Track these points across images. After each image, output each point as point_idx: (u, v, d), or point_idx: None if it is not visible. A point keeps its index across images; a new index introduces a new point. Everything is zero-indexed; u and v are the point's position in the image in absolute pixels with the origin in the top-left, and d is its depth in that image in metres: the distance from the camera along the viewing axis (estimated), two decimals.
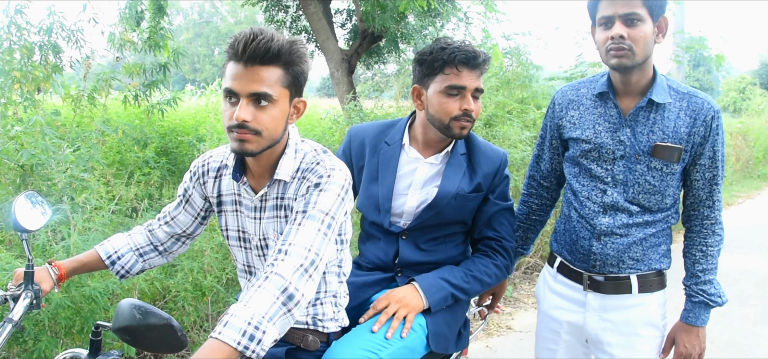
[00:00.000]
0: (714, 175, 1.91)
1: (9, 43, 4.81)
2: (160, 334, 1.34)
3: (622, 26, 1.83)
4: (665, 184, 1.91)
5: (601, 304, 2.02)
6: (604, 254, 1.98)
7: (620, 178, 1.95)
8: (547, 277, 2.21)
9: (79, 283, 3.00)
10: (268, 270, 1.42)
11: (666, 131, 1.88)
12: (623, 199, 1.95)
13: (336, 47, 8.69)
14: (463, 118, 2.03)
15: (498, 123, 5.87)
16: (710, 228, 1.95)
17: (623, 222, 1.95)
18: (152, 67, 5.80)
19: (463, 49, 1.99)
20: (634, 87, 1.92)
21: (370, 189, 2.14)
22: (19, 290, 1.64)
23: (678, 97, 1.90)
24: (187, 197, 1.88)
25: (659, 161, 1.89)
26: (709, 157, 1.90)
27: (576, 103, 2.07)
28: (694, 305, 1.97)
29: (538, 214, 2.32)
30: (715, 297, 1.95)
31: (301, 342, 1.76)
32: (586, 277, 2.04)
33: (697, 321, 1.96)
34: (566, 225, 2.11)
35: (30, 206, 1.75)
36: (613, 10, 1.84)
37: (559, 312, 2.13)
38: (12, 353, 3.05)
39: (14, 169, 3.67)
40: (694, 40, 9.21)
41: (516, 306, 5.10)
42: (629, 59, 1.84)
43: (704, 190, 1.93)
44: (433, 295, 1.98)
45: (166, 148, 5.99)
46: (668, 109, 1.89)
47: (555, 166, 2.22)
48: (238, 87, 1.53)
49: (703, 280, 1.95)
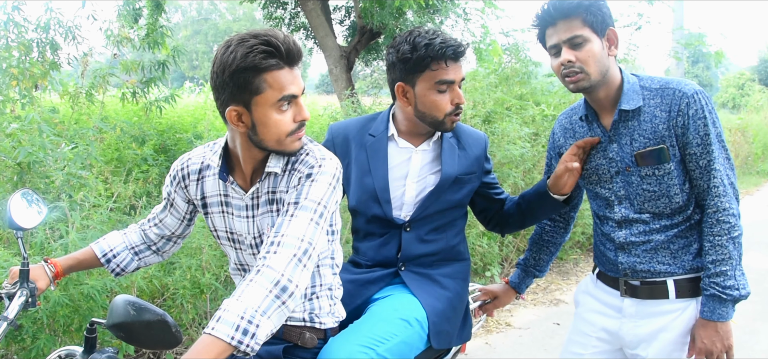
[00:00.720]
0: (708, 160, 1.83)
1: (6, 41, 4.79)
2: (154, 330, 1.33)
3: (569, 51, 1.85)
4: (665, 186, 1.88)
5: (638, 310, 1.98)
6: (631, 262, 1.96)
7: (622, 193, 1.95)
8: (588, 282, 2.21)
9: (77, 281, 2.99)
10: (260, 264, 1.42)
11: (645, 135, 1.87)
12: (632, 212, 1.94)
13: (334, 44, 8.68)
14: (455, 113, 2.04)
15: (497, 119, 5.85)
16: (714, 217, 1.85)
17: (641, 230, 1.93)
18: (150, 64, 5.79)
19: (449, 43, 1.98)
20: (607, 102, 1.94)
21: (364, 183, 2.12)
22: (15, 288, 1.63)
23: (651, 95, 1.88)
24: (171, 201, 1.86)
25: (648, 168, 1.88)
26: (698, 144, 1.82)
27: (570, 130, 2.11)
28: (707, 298, 1.85)
29: (550, 235, 2.32)
30: (731, 289, 1.82)
31: (298, 339, 1.75)
32: (622, 283, 2.01)
33: (712, 315, 1.83)
34: (596, 240, 2.13)
35: (25, 204, 1.74)
36: (557, 37, 1.88)
37: (596, 316, 2.11)
38: (10, 351, 3.05)
39: (11, 166, 3.65)
40: (694, 37, 9.21)
41: (515, 304, 5.09)
42: (585, 81, 1.86)
43: (703, 179, 1.85)
44: None
45: (165, 145, 5.97)
46: (644, 112, 1.87)
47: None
48: (296, 89, 1.55)
49: (714, 272, 1.84)
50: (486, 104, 5.91)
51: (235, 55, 1.48)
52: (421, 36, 1.99)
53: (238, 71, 1.48)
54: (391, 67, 2.07)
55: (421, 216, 2.08)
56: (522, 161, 5.54)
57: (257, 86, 1.50)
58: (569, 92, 6.88)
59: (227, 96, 1.53)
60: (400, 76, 2.05)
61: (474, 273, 5.19)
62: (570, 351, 2.20)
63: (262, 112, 1.53)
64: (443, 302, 2.04)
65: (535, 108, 6.40)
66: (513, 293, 2.40)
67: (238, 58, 1.48)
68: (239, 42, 1.50)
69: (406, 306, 1.97)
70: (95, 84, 5.16)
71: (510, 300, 2.42)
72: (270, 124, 1.54)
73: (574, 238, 6.29)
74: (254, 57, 1.47)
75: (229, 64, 1.49)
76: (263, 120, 1.54)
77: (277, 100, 1.52)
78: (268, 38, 1.49)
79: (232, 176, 1.70)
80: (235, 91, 1.51)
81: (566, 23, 1.85)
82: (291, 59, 1.52)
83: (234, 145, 1.67)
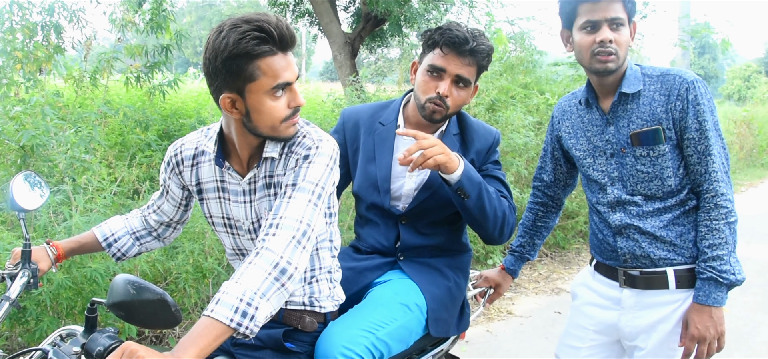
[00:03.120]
0: (706, 146, 1.84)
1: (11, 23, 4.79)
2: (154, 310, 1.33)
3: (610, 30, 1.86)
4: (659, 168, 1.89)
5: (637, 302, 1.97)
6: (630, 247, 1.96)
7: (615, 174, 1.97)
8: (585, 275, 2.21)
9: (80, 264, 3.01)
10: (260, 246, 1.42)
11: (643, 117, 1.89)
12: (625, 193, 1.95)
13: (339, 30, 8.67)
14: (436, 101, 2.01)
15: (501, 107, 5.84)
16: (712, 202, 1.85)
17: (635, 213, 1.94)
18: (154, 48, 5.78)
19: (453, 31, 1.97)
20: (611, 86, 1.96)
21: (368, 170, 2.12)
22: (17, 269, 1.64)
23: (651, 80, 1.91)
24: (166, 187, 1.85)
25: (642, 148, 1.89)
26: (696, 129, 1.84)
27: (569, 113, 2.12)
28: (703, 282, 1.84)
29: (544, 221, 2.36)
30: (727, 273, 1.81)
31: (298, 323, 1.75)
32: (621, 273, 2.01)
33: (707, 299, 1.82)
34: (593, 228, 2.13)
35: (28, 186, 1.75)
36: (601, 14, 1.85)
37: (593, 309, 2.11)
38: (14, 333, 3.07)
39: (15, 149, 3.67)
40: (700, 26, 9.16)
41: (517, 292, 5.10)
42: (614, 62, 1.87)
43: (700, 164, 1.86)
44: (468, 171, 1.94)
45: (168, 130, 5.97)
46: (643, 96, 1.90)
47: (558, 176, 2.27)
48: (290, 76, 1.53)
49: (710, 256, 1.83)
50: (490, 93, 5.89)
51: (228, 41, 1.45)
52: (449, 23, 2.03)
53: (231, 58, 1.46)
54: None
55: (418, 209, 2.08)
56: (525, 150, 5.53)
57: (251, 73, 1.48)
58: (574, 81, 6.90)
59: (220, 82, 1.51)
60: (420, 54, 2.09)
61: (476, 261, 5.19)
62: (567, 344, 2.20)
63: (256, 98, 1.51)
64: (442, 289, 2.04)
65: (540, 97, 6.38)
66: (510, 278, 2.41)
67: (231, 44, 1.45)
68: (231, 27, 1.47)
69: (405, 291, 1.98)
70: (99, 68, 5.16)
71: (509, 286, 2.44)
72: (264, 110, 1.52)
73: (576, 228, 6.30)
74: (247, 43, 1.44)
75: (221, 51, 1.46)
76: (257, 107, 1.52)
77: (271, 87, 1.50)
78: (261, 24, 1.46)
79: (229, 161, 1.69)
80: (228, 78, 1.49)
81: (610, 3, 1.85)
82: (284, 44, 1.50)
83: (229, 131, 1.65)
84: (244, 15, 1.50)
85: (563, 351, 2.21)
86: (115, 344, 1.37)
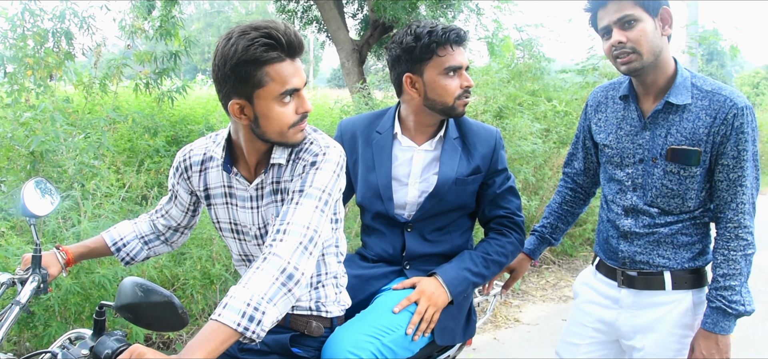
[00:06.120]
0: (739, 175, 1.80)
1: (22, 30, 4.83)
2: (161, 312, 1.34)
3: (620, 31, 1.81)
4: (684, 188, 1.86)
5: (634, 301, 1.99)
6: (631, 252, 1.97)
7: (639, 181, 1.93)
8: (587, 273, 2.21)
9: (88, 269, 3.02)
10: (267, 251, 1.43)
11: (683, 133, 1.83)
12: (642, 203, 1.93)
13: (347, 37, 8.69)
14: (465, 95, 2.04)
15: (509, 115, 5.85)
16: (733, 232, 1.82)
17: (646, 223, 1.93)
18: (163, 55, 5.82)
19: (452, 27, 2.00)
20: (653, 88, 1.89)
21: (369, 179, 2.13)
22: (27, 274, 1.66)
23: (701, 95, 1.82)
24: (175, 193, 1.87)
25: (675, 165, 1.85)
26: (733, 157, 1.79)
27: (604, 105, 2.06)
28: (712, 310, 1.84)
29: (570, 206, 2.31)
30: (737, 304, 1.80)
31: (304, 328, 1.76)
32: (620, 273, 2.02)
33: (714, 328, 1.82)
34: (600, 226, 2.12)
35: (39, 193, 1.77)
36: (608, 18, 1.84)
37: (593, 307, 2.12)
38: (23, 338, 3.08)
39: (25, 155, 3.69)
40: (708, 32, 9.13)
41: (524, 299, 5.09)
42: (637, 62, 1.81)
43: (729, 192, 1.82)
44: (456, 288, 1.99)
45: (177, 136, 6.00)
46: (689, 110, 1.83)
47: (588, 166, 2.23)
48: (298, 82, 1.54)
49: (722, 286, 1.82)
50: (498, 99, 5.90)
51: (237, 48, 1.47)
52: (422, 26, 2.00)
53: (240, 64, 1.47)
54: (396, 61, 2.06)
55: (423, 217, 2.09)
56: (533, 157, 5.52)
57: (259, 79, 1.49)
58: (582, 88, 6.89)
59: (229, 89, 1.53)
60: (407, 67, 2.04)
61: None
62: (567, 341, 2.21)
63: (265, 104, 1.52)
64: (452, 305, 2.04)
65: (547, 104, 6.38)
66: (528, 261, 2.36)
67: (240, 50, 1.46)
68: (240, 34, 1.48)
69: None
70: (109, 74, 5.19)
71: (526, 270, 2.40)
72: (272, 116, 1.54)
73: (584, 235, 6.27)
74: (255, 50, 1.46)
75: (230, 57, 1.47)
76: (266, 113, 1.53)
77: (280, 93, 1.51)
78: (269, 30, 1.48)
79: (236, 167, 1.70)
80: (236, 84, 1.50)
81: (617, 3, 1.81)
82: (292, 51, 1.51)
83: (237, 137, 1.66)
84: (253, 22, 1.52)
85: (564, 350, 2.22)
86: (123, 347, 1.38)
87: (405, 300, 1.94)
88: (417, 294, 1.95)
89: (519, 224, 2.16)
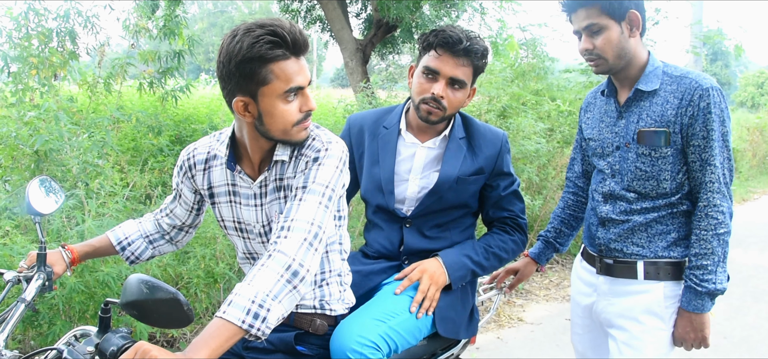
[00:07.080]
0: (709, 155, 1.85)
1: (27, 29, 4.84)
2: (167, 309, 1.34)
3: (587, 39, 1.93)
4: (657, 169, 1.91)
5: (610, 289, 2.05)
6: (607, 239, 2.03)
7: (616, 167, 2.00)
8: (576, 263, 2.27)
9: (92, 268, 3.03)
10: (272, 248, 1.43)
11: (653, 116, 1.90)
12: (620, 187, 1.99)
13: (350, 37, 8.69)
14: (432, 103, 2.03)
15: (512, 114, 5.84)
16: (704, 211, 1.87)
17: (622, 209, 1.99)
18: (167, 54, 5.82)
19: (447, 32, 1.99)
20: (627, 81, 1.98)
21: (373, 172, 2.16)
22: (32, 272, 1.67)
23: (670, 80, 1.91)
24: (179, 191, 1.87)
25: (645, 147, 1.91)
26: (703, 137, 1.84)
27: (592, 104, 2.18)
28: (686, 289, 1.91)
29: (573, 210, 2.36)
30: (707, 283, 1.85)
31: (309, 326, 1.77)
32: (598, 260, 2.08)
33: (688, 306, 1.89)
34: (586, 215, 2.20)
35: (43, 191, 1.77)
36: (577, 24, 1.95)
37: (580, 296, 2.19)
38: (27, 336, 3.09)
39: (29, 154, 3.70)
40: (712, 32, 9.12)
41: (527, 299, 5.08)
42: (604, 65, 1.94)
43: (701, 172, 1.88)
44: (456, 272, 2.03)
45: (181, 135, 6.01)
46: (658, 95, 1.91)
47: (586, 168, 2.29)
48: (303, 80, 1.55)
49: (695, 265, 1.88)
50: (501, 99, 5.89)
51: (242, 45, 1.47)
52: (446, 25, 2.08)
53: (245, 61, 1.48)
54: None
55: (422, 213, 2.10)
56: (536, 156, 5.52)
57: (264, 77, 1.49)
58: (585, 88, 6.88)
59: (234, 86, 1.53)
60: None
61: None
62: (573, 331, 2.29)
63: (269, 102, 1.52)
64: (450, 290, 2.06)
65: (551, 103, 6.37)
66: (533, 265, 2.41)
67: (245, 48, 1.47)
68: (245, 32, 1.49)
69: (412, 287, 2.01)
70: (113, 73, 5.20)
71: (531, 273, 2.43)
72: (276, 114, 1.54)
73: None
74: (260, 47, 1.46)
75: (235, 54, 1.48)
76: (270, 110, 1.54)
77: (284, 91, 1.51)
78: (274, 28, 1.48)
79: (240, 165, 1.70)
80: (241, 82, 1.51)
81: (585, 11, 1.90)
82: (297, 49, 1.52)
83: (241, 135, 1.67)
84: (258, 20, 1.52)
85: (573, 338, 2.30)
86: (128, 344, 1.38)
87: (406, 280, 1.99)
88: (418, 272, 2.00)
89: (522, 226, 2.21)
